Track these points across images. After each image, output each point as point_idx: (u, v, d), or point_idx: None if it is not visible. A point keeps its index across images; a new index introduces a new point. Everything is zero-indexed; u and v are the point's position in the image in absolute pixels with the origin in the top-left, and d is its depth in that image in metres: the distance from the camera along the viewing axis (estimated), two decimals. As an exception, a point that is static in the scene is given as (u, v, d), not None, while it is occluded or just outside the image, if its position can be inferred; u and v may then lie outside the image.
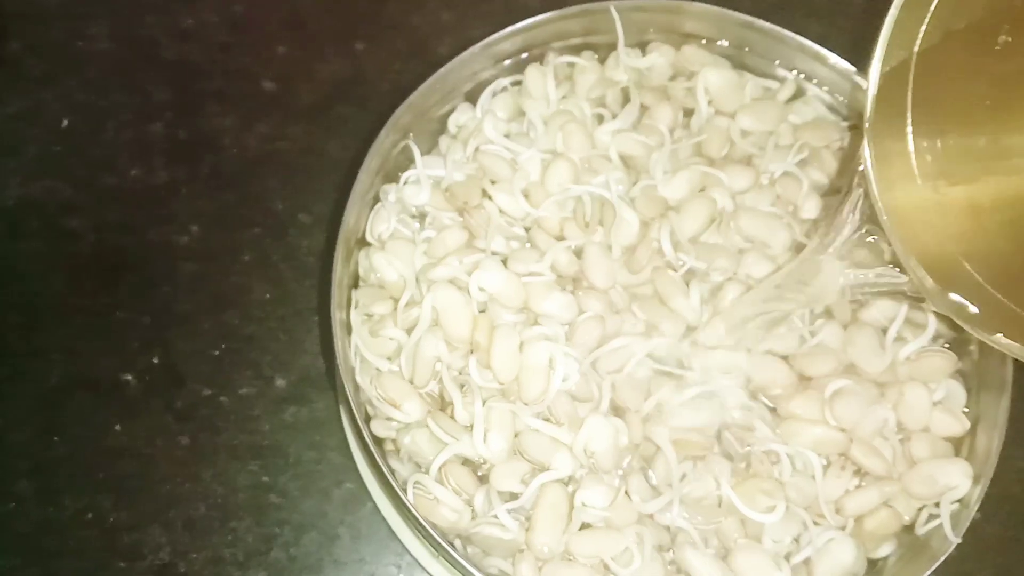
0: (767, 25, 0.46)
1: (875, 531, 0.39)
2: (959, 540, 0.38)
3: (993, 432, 0.40)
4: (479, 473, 0.39)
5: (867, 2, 0.60)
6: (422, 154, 0.44)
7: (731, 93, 0.46)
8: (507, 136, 0.45)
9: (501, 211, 0.43)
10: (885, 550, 0.39)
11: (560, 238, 0.42)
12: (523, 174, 0.43)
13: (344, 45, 0.55)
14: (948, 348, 0.42)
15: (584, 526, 0.38)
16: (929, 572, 0.37)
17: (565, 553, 0.38)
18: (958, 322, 0.34)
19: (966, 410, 0.42)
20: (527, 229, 0.43)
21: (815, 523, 0.39)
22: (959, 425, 0.40)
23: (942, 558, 0.37)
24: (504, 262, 0.41)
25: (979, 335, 0.34)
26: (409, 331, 0.41)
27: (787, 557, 0.38)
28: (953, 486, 0.39)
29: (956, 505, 0.39)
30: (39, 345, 0.48)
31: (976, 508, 0.38)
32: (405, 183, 0.44)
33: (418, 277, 0.41)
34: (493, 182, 0.43)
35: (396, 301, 0.41)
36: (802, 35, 0.46)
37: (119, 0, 0.56)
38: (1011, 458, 0.48)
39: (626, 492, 0.38)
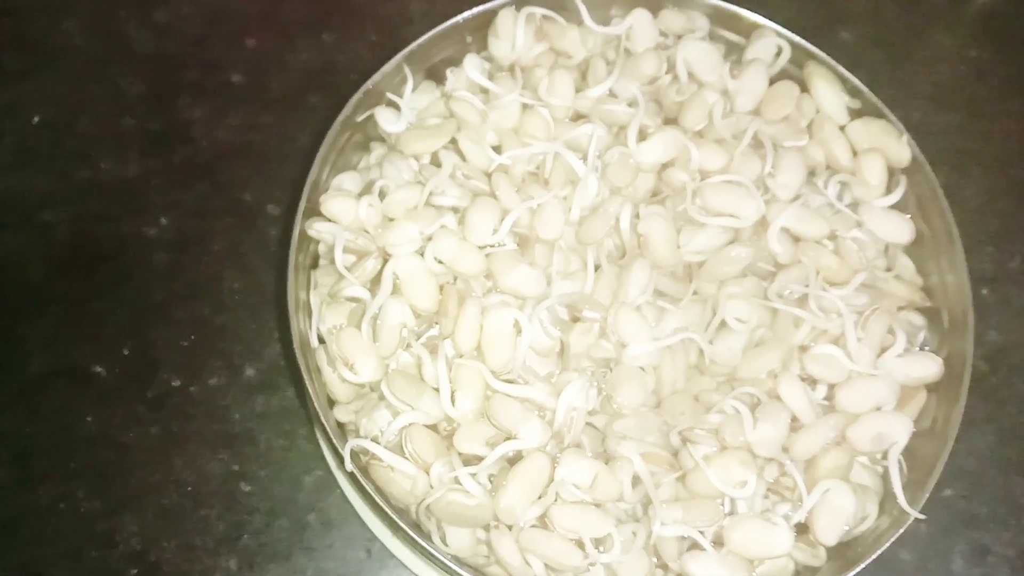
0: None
1: (831, 473, 0.37)
2: (922, 515, 0.37)
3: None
4: (443, 434, 0.38)
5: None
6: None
7: (710, 65, 0.44)
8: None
9: (464, 159, 0.42)
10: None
11: (521, 189, 0.41)
12: (493, 123, 0.42)
13: (314, 36, 0.55)
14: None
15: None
16: (894, 539, 0.36)
17: (547, 521, 0.36)
18: None
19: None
20: (488, 175, 0.41)
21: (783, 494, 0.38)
22: (935, 365, 0.40)
23: (903, 528, 0.36)
24: (463, 213, 0.40)
25: None
26: (366, 285, 0.39)
27: (786, 518, 0.37)
28: (895, 440, 0.38)
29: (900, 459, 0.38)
30: (18, 335, 0.48)
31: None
32: (386, 104, 0.43)
33: (375, 238, 0.40)
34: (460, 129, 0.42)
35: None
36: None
37: (94, -6, 0.56)
38: (982, 435, 0.47)
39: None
